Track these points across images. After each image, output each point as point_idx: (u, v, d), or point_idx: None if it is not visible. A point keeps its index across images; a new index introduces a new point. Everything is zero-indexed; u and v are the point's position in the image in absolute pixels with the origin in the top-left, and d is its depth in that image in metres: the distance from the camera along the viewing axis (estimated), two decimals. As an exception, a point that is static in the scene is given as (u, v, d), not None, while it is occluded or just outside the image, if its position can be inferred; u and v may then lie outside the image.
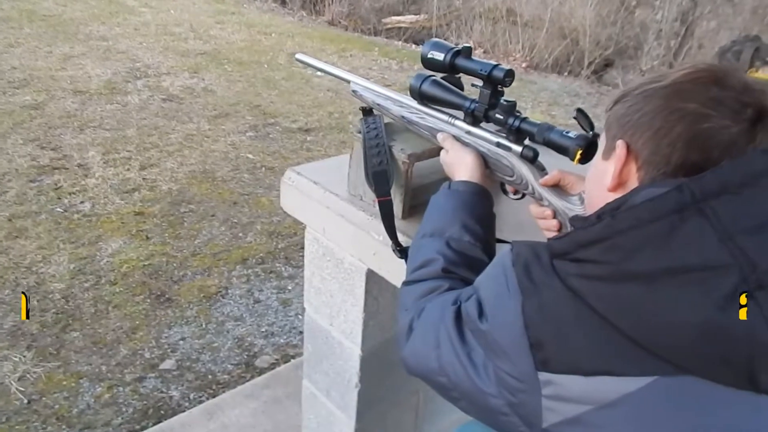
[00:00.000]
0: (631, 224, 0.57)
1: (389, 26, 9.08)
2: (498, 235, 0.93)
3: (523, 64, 7.81)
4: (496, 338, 0.64)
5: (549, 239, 0.65)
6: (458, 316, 0.71)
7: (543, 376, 0.59)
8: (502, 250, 0.70)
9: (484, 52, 8.14)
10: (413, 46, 8.08)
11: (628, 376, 0.56)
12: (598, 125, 0.82)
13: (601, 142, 0.73)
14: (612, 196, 0.65)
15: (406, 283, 0.87)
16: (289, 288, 2.69)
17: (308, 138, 4.33)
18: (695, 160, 0.60)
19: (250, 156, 3.92)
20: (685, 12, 7.57)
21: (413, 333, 0.78)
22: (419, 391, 1.46)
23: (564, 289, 0.60)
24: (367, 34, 8.52)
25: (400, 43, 8.18)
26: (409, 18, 9.33)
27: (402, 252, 1.01)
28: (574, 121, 0.88)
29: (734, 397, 0.54)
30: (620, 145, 0.66)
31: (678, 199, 0.56)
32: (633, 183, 0.65)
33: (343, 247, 1.18)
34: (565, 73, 7.81)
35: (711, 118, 0.60)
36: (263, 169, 3.77)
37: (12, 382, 2.05)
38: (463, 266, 0.83)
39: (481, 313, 0.67)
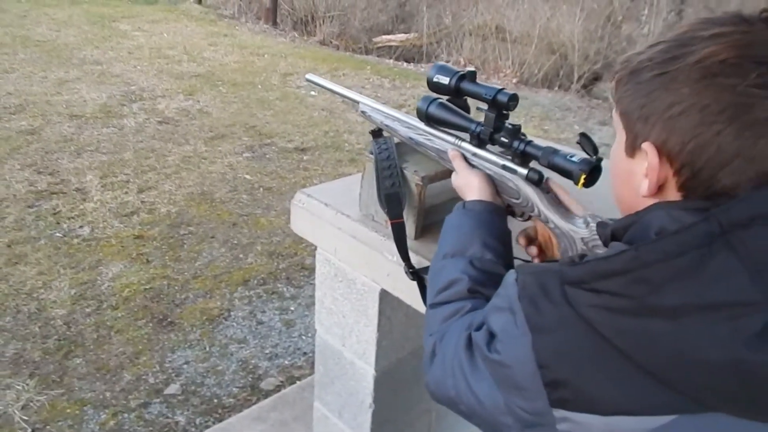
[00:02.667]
0: (657, 257, 0.54)
1: (380, 45, 9.18)
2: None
3: (514, 80, 7.90)
4: (508, 374, 0.62)
5: (560, 263, 0.62)
6: (469, 344, 0.69)
7: (558, 413, 0.58)
8: (505, 277, 0.68)
9: (475, 68, 8.23)
10: (404, 64, 8.17)
11: (647, 415, 0.54)
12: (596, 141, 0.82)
13: (618, 129, 0.67)
14: (649, 202, 0.62)
15: (431, 306, 0.85)
16: (292, 308, 2.69)
17: (305, 157, 4.35)
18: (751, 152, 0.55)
19: (248, 176, 3.93)
20: (671, 25, 7.70)
21: (435, 359, 0.77)
22: (432, 410, 1.46)
23: (578, 320, 0.57)
24: (359, 53, 8.60)
25: (391, 61, 8.27)
26: (399, 36, 9.44)
27: (414, 274, 1.01)
28: (567, 135, 0.89)
29: (753, 430, 0.54)
30: (650, 150, 0.60)
31: (706, 230, 0.53)
32: (670, 188, 0.61)
33: (356, 268, 1.19)
34: (555, 88, 7.91)
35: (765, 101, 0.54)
36: (261, 189, 3.78)
37: (15, 411, 2.03)
38: (488, 285, 0.82)
39: (490, 345, 0.65)
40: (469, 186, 0.99)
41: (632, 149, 0.64)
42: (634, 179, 0.64)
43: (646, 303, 0.54)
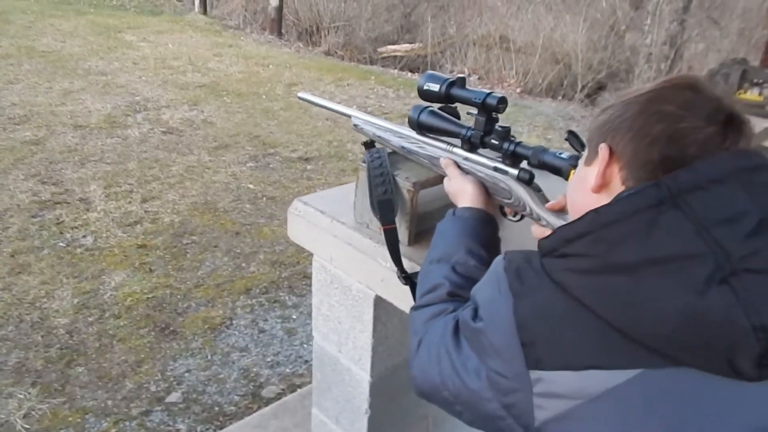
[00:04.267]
0: (613, 218, 0.60)
1: (385, 55, 9.24)
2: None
3: (518, 90, 7.93)
4: (489, 338, 0.66)
5: (539, 240, 0.68)
6: (456, 327, 0.74)
7: (534, 374, 0.62)
8: (494, 260, 0.73)
9: (479, 78, 8.27)
10: (409, 74, 8.21)
11: (615, 369, 0.58)
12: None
13: (584, 153, 0.76)
14: (596, 198, 0.68)
15: (414, 308, 0.89)
16: (294, 317, 2.70)
17: (308, 167, 4.37)
18: (674, 157, 0.63)
19: (251, 186, 3.96)
20: (674, 35, 7.72)
21: (419, 352, 0.81)
22: (428, 416, 1.46)
23: (553, 286, 0.62)
24: (364, 63, 8.66)
25: (396, 71, 8.31)
26: (404, 47, 9.50)
27: (407, 279, 1.03)
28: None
29: (720, 387, 0.56)
30: (603, 148, 0.69)
31: (656, 193, 0.60)
32: (616, 183, 0.68)
33: (351, 275, 1.20)
34: (559, 97, 7.93)
35: (686, 119, 0.64)
36: (264, 198, 3.80)
37: (17, 419, 2.04)
38: (468, 289, 0.85)
39: (475, 316, 0.70)
40: (462, 192, 1.01)
41: (591, 158, 0.72)
42: (588, 181, 0.71)
43: (606, 261, 0.59)
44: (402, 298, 1.07)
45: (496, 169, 1.00)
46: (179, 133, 4.72)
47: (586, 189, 0.71)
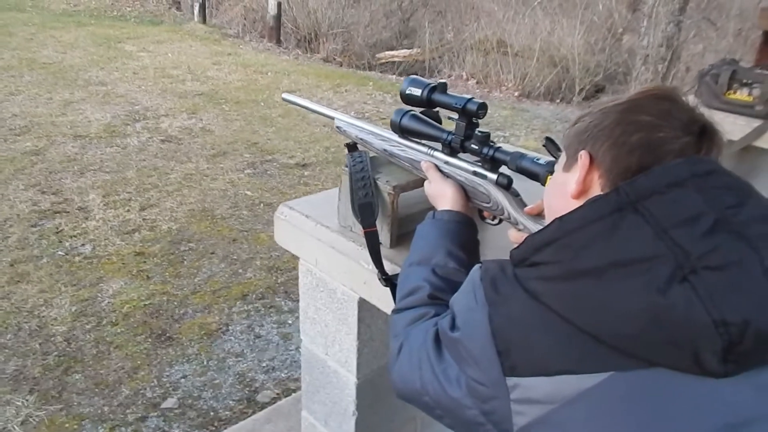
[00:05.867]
0: (577, 224, 0.63)
1: (383, 61, 9.28)
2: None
3: (516, 93, 7.94)
4: (467, 347, 0.68)
5: (510, 251, 0.69)
6: (437, 338, 0.75)
7: (510, 381, 0.63)
8: (471, 270, 0.74)
9: (477, 82, 8.29)
10: (407, 79, 8.23)
11: (586, 373, 0.59)
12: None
13: (560, 160, 0.78)
14: (575, 204, 0.69)
15: (395, 311, 0.90)
16: (290, 322, 2.71)
17: (305, 173, 4.40)
18: (651, 165, 0.65)
19: (249, 193, 3.98)
20: (670, 37, 7.73)
21: (400, 356, 0.82)
22: (416, 418, 1.48)
23: (525, 294, 0.64)
24: (362, 69, 8.70)
25: (394, 76, 8.34)
26: (402, 52, 9.54)
27: (387, 281, 1.05)
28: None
29: (690, 385, 0.57)
30: (583, 155, 0.71)
31: (616, 199, 0.62)
32: (595, 190, 0.69)
33: (335, 278, 1.22)
34: (557, 100, 7.94)
35: (663, 128, 0.66)
36: (261, 205, 3.83)
37: (15, 426, 2.06)
38: (448, 292, 0.86)
39: (453, 326, 0.71)
40: (441, 195, 1.03)
41: (570, 165, 0.74)
42: (567, 187, 0.72)
43: (573, 266, 0.61)
44: (384, 300, 1.09)
45: (475, 173, 1.02)
46: (178, 141, 4.75)
47: (565, 195, 0.73)
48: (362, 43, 9.46)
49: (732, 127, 2.41)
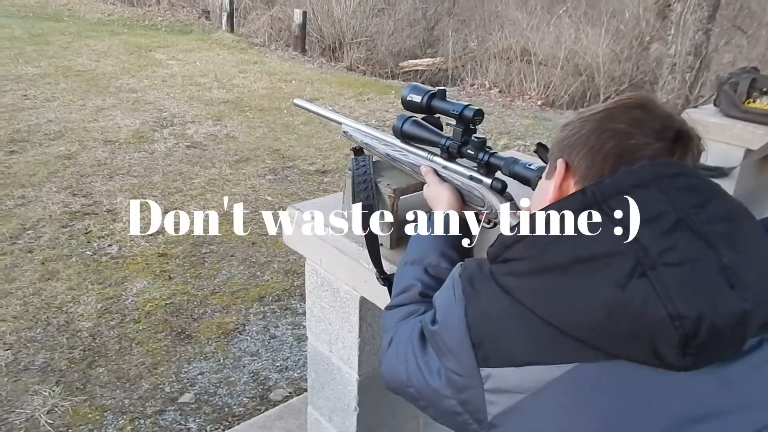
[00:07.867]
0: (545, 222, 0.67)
1: (406, 69, 9.36)
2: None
3: (539, 102, 7.94)
4: (444, 339, 0.72)
5: (487, 248, 0.73)
6: (422, 330, 0.80)
7: (484, 371, 0.67)
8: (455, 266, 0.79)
9: (500, 91, 8.31)
10: (429, 87, 8.28)
11: (551, 364, 0.63)
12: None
13: (546, 167, 0.82)
14: None
15: (388, 308, 0.95)
16: (304, 324, 2.78)
17: (325, 179, 4.48)
18: None
19: (269, 198, 4.08)
20: (699, 45, 7.64)
21: (389, 349, 0.87)
22: (419, 416, 1.52)
23: (498, 289, 0.68)
24: (385, 78, 8.79)
25: (416, 85, 8.39)
26: (425, 61, 9.61)
27: (385, 280, 1.10)
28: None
29: (650, 378, 0.60)
30: (560, 163, 0.75)
31: (582, 199, 0.66)
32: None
33: (339, 277, 1.28)
34: (581, 109, 7.90)
35: (635, 136, 0.70)
36: (281, 210, 3.92)
37: (41, 415, 2.16)
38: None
39: (434, 320, 0.76)
40: (438, 198, 1.08)
41: (551, 173, 0.78)
42: (546, 194, 0.76)
43: (540, 262, 0.65)
44: (384, 299, 1.14)
45: (471, 177, 1.07)
46: (203, 147, 4.88)
47: (545, 201, 0.76)
48: (386, 52, 9.57)
49: (751, 136, 2.38)
